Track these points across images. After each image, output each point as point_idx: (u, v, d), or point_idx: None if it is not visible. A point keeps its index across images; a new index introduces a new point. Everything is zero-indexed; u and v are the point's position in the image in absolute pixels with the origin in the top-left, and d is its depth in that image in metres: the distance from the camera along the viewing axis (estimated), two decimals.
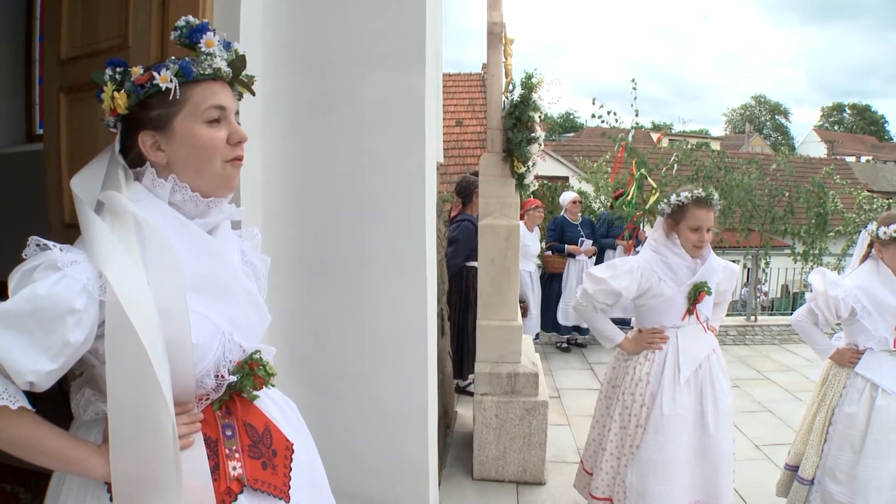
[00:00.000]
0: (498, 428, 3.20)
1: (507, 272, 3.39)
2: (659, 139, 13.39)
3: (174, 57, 1.06)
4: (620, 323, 3.94)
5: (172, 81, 1.03)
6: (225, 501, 1.03)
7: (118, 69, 1.05)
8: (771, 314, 8.35)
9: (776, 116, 49.30)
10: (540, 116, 3.37)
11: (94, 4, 1.85)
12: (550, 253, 6.24)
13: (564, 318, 6.09)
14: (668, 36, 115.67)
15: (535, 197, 5.75)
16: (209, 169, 1.08)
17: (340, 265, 2.07)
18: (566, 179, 12.40)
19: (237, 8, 1.76)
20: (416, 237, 2.07)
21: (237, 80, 1.13)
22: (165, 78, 1.02)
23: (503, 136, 3.39)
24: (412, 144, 2.04)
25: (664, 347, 2.36)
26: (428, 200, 2.09)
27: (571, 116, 42.72)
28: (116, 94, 1.04)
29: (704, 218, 2.30)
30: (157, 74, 1.03)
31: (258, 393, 1.15)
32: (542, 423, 3.19)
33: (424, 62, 2.02)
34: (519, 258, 3.51)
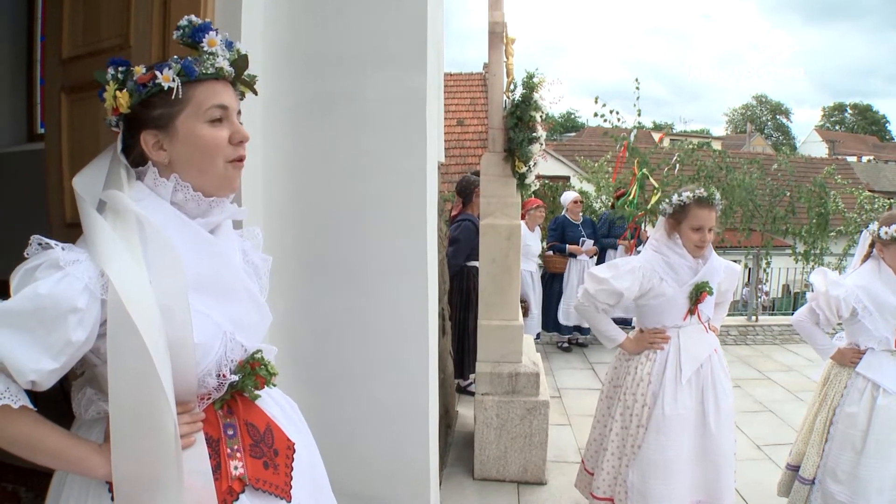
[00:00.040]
0: (499, 428, 3.20)
1: (508, 272, 3.39)
2: (661, 139, 13.39)
3: (176, 56, 1.06)
4: (622, 323, 3.96)
5: (175, 81, 1.02)
6: (226, 501, 1.03)
7: (120, 68, 1.05)
8: (772, 314, 8.33)
9: (777, 116, 49.24)
10: (541, 116, 3.36)
11: (95, 4, 1.85)
12: (552, 253, 6.23)
13: (565, 317, 6.09)
14: (669, 36, 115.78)
15: (536, 196, 5.74)
16: (211, 168, 1.08)
17: (342, 265, 2.07)
18: (567, 179, 12.40)
19: (238, 8, 1.76)
20: (417, 237, 2.07)
21: (239, 79, 1.14)
22: (168, 77, 1.02)
23: (504, 135, 3.38)
24: (413, 144, 2.04)
25: (666, 347, 2.36)
26: (429, 200, 2.09)
27: (573, 116, 42.73)
28: (119, 93, 1.04)
29: (706, 218, 2.30)
30: (159, 74, 1.02)
31: (260, 392, 1.15)
32: (543, 422, 3.19)
33: (426, 62, 2.02)
34: (520, 258, 3.51)
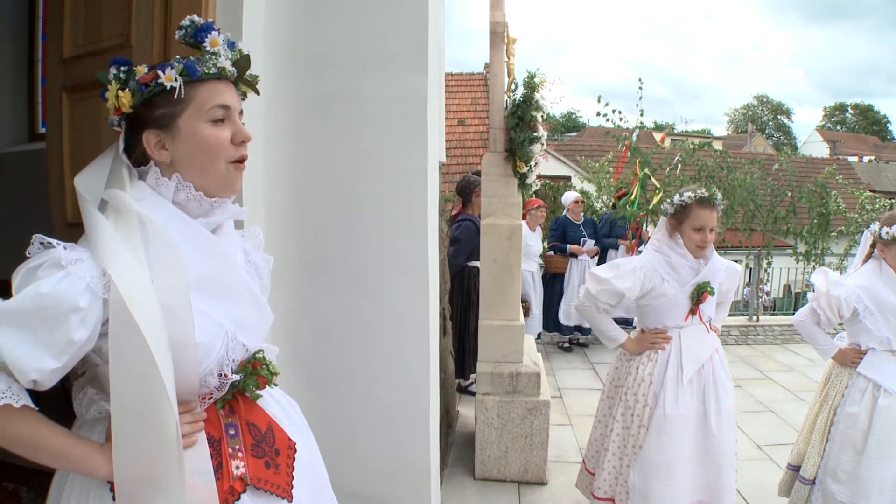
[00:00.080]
0: (500, 428, 3.20)
1: (509, 272, 3.39)
2: (662, 139, 13.38)
3: (179, 56, 1.06)
4: (623, 323, 3.95)
5: (177, 80, 1.03)
6: (228, 500, 1.03)
7: (123, 68, 1.05)
8: (773, 314, 8.33)
9: (778, 116, 49.21)
10: (542, 116, 3.36)
11: (96, 4, 1.85)
12: (553, 253, 6.23)
13: (566, 317, 6.09)
14: (670, 36, 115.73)
15: (537, 196, 5.73)
16: (213, 168, 1.08)
17: (342, 265, 2.07)
18: (568, 179, 12.40)
19: (239, 8, 1.76)
20: (417, 237, 2.07)
21: (241, 79, 1.14)
22: (170, 77, 1.02)
23: (506, 135, 3.38)
24: (414, 144, 2.04)
25: (667, 348, 2.36)
26: (430, 200, 2.09)
27: (574, 116, 42.80)
28: (121, 92, 1.04)
29: (707, 218, 2.30)
30: (161, 73, 1.03)
31: (261, 392, 1.15)
32: (543, 422, 3.19)
33: (427, 62, 2.02)
34: (521, 258, 3.51)
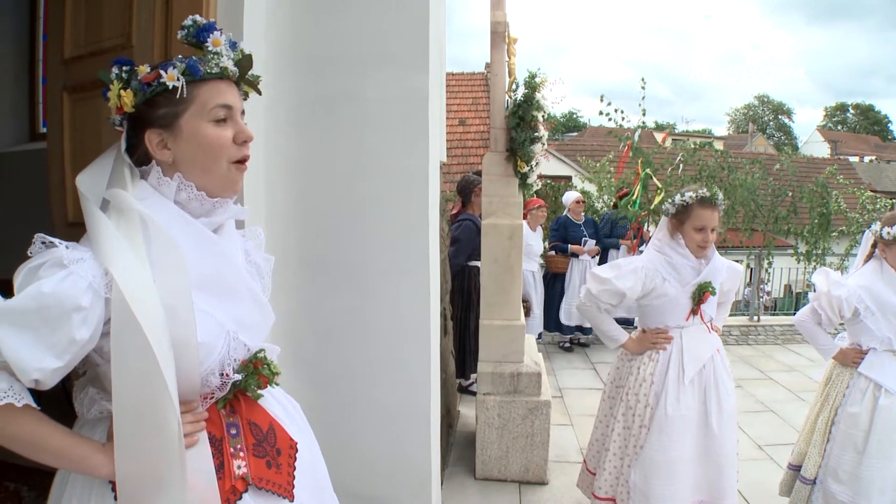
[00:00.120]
0: (500, 427, 3.20)
1: (510, 272, 3.39)
2: (664, 139, 13.38)
3: (181, 56, 1.06)
4: (624, 323, 3.96)
5: (179, 80, 1.03)
6: (230, 500, 1.03)
7: (124, 68, 1.05)
8: (774, 314, 8.32)
9: (779, 116, 49.17)
10: (543, 116, 3.36)
11: (97, 4, 1.85)
12: (553, 252, 6.24)
13: (567, 317, 6.09)
14: (670, 36, 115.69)
15: (538, 196, 5.73)
16: (215, 168, 1.08)
17: (343, 265, 2.07)
18: (569, 179, 12.41)
19: (240, 8, 1.76)
20: (418, 237, 2.07)
21: (243, 79, 1.14)
22: (172, 76, 1.02)
23: (506, 135, 3.38)
24: (415, 144, 2.04)
25: (668, 348, 2.36)
26: (431, 200, 2.08)
27: (575, 116, 42.80)
28: (123, 92, 1.04)
29: (709, 218, 2.30)
30: (164, 73, 1.03)
31: (262, 392, 1.15)
32: (544, 422, 3.19)
33: (427, 62, 2.02)
34: (522, 258, 3.51)
